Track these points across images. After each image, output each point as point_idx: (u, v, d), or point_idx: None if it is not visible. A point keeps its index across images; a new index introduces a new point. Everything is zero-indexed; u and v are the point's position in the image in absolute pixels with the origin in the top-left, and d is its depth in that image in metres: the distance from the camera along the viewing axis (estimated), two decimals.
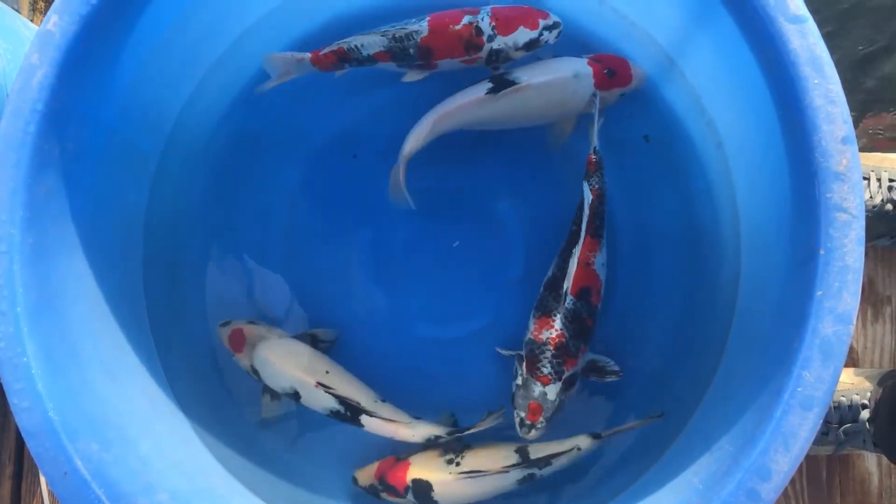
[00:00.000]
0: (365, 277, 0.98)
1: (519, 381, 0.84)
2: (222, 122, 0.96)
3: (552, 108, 0.90)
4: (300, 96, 0.95)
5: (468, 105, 0.87)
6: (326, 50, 0.88)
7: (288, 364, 0.88)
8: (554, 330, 0.83)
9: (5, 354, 0.63)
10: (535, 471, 0.84)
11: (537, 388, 0.82)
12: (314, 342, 0.93)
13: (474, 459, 0.85)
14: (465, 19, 0.84)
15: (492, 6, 0.86)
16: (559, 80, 0.87)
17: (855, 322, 0.60)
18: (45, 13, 1.16)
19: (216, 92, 0.93)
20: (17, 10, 1.16)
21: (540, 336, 0.83)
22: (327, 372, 0.88)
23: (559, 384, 0.82)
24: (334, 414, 0.86)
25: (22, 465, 1.06)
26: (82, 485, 0.62)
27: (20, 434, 0.63)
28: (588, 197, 0.85)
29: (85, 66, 0.68)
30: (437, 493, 0.84)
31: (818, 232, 0.60)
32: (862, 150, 1.09)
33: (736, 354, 0.78)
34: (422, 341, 0.96)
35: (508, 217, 0.99)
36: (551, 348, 0.82)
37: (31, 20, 1.17)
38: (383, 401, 0.88)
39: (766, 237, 0.75)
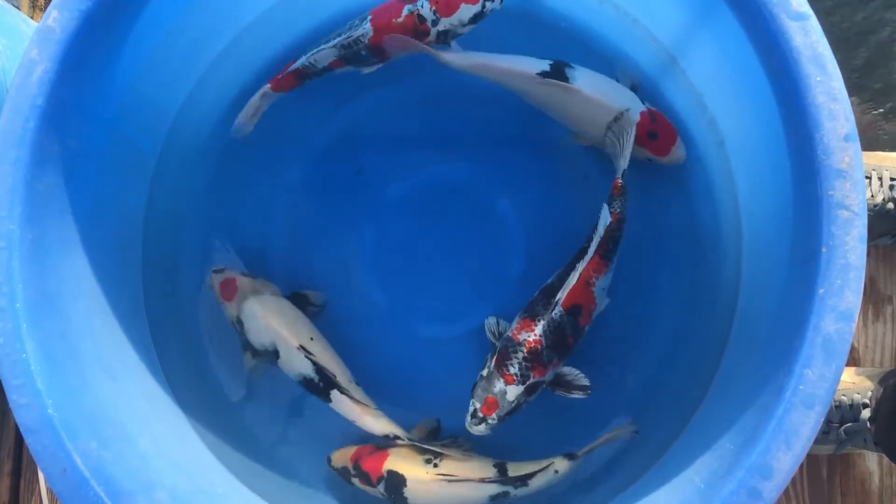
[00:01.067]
0: (365, 277, 0.98)
1: (485, 372, 0.83)
2: (222, 120, 0.95)
3: (582, 122, 0.90)
4: (301, 95, 0.94)
5: (514, 72, 0.87)
6: (284, 74, 0.88)
7: (274, 321, 0.87)
8: (533, 334, 0.82)
9: (4, 351, 0.62)
10: (510, 489, 0.83)
11: (499, 385, 0.82)
12: (304, 304, 0.92)
13: (453, 464, 0.84)
14: (406, 10, 0.83)
15: None
16: (605, 107, 0.86)
17: (856, 320, 0.60)
18: (44, 10, 1.16)
19: (216, 90, 0.93)
20: (17, 7, 1.16)
21: (518, 336, 0.83)
22: (311, 339, 0.88)
23: (521, 388, 0.82)
24: (307, 382, 0.86)
25: (21, 463, 1.06)
26: (81, 482, 0.62)
27: (19, 431, 0.63)
28: (605, 219, 0.84)
29: (85, 62, 0.68)
30: (410, 489, 0.83)
31: (820, 229, 0.60)
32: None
33: (737, 352, 0.78)
34: (421, 340, 0.96)
35: (509, 216, 0.98)
36: (525, 351, 0.82)
37: (31, 16, 1.17)
38: (357, 383, 0.88)
39: (767, 235, 0.75)
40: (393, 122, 0.98)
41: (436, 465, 0.84)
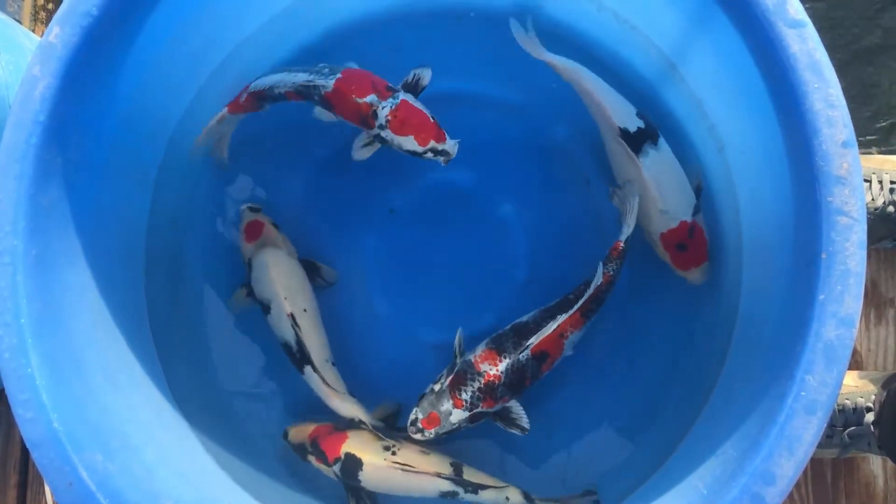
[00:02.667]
0: (368, 283, 0.98)
1: (437, 387, 0.84)
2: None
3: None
4: (302, 104, 0.95)
5: (602, 111, 0.87)
6: (243, 97, 0.88)
7: (279, 280, 0.89)
8: (495, 369, 0.83)
9: (10, 365, 0.63)
10: (460, 491, 0.84)
11: (447, 405, 0.83)
12: (314, 274, 0.94)
13: (410, 455, 0.85)
14: (369, 98, 0.84)
15: (403, 97, 0.85)
16: (653, 197, 0.86)
17: (858, 325, 0.60)
18: (46, 24, 1.17)
19: (216, 101, 0.93)
20: (19, 21, 1.17)
21: (480, 365, 0.84)
22: (305, 310, 0.89)
23: (467, 414, 0.83)
24: (287, 348, 0.89)
25: (27, 475, 1.06)
26: (88, 495, 0.62)
27: (25, 444, 0.63)
28: (598, 279, 0.85)
29: (86, 77, 0.68)
30: (365, 473, 0.84)
31: (820, 236, 0.60)
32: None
33: (739, 359, 0.78)
34: (424, 346, 0.96)
35: (511, 221, 0.99)
36: (482, 382, 0.83)
37: (33, 30, 1.18)
38: (333, 363, 0.89)
39: (767, 241, 0.75)
40: None
41: (394, 453, 0.85)
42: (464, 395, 0.83)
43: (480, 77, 0.97)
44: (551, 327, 0.83)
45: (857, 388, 0.97)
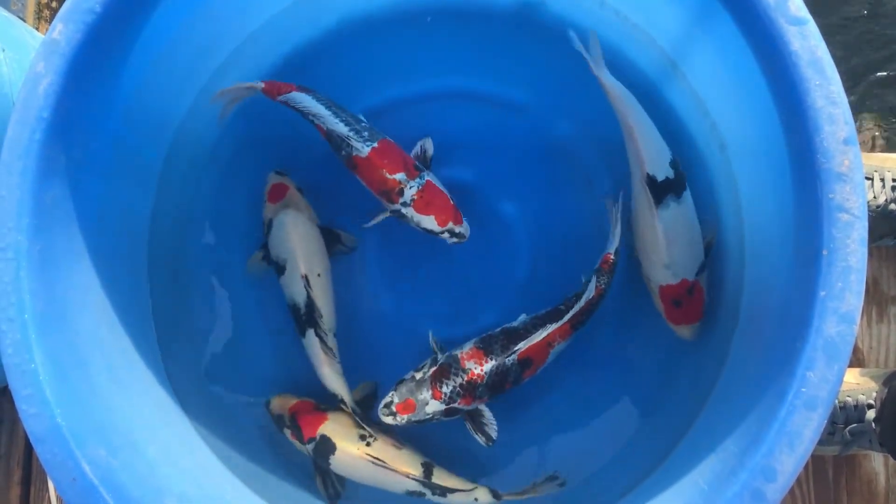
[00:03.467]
0: (372, 279, 0.98)
1: (418, 375, 0.85)
2: (226, 128, 0.96)
3: (637, 236, 0.90)
4: None
5: (635, 146, 0.86)
6: (283, 90, 0.87)
7: (297, 241, 0.90)
8: (480, 368, 0.84)
9: (13, 361, 0.63)
10: (428, 493, 0.85)
11: (425, 395, 0.84)
12: (335, 240, 0.95)
13: (384, 448, 0.86)
14: (398, 176, 0.86)
15: (429, 178, 0.87)
16: (659, 249, 0.86)
17: (859, 322, 0.60)
18: (50, 21, 1.17)
19: (220, 99, 0.93)
20: (23, 19, 1.17)
21: (465, 363, 0.85)
22: (319, 275, 0.90)
23: (443, 407, 0.84)
24: (294, 310, 0.89)
25: (31, 471, 1.07)
26: (91, 490, 0.62)
27: (28, 439, 0.63)
28: (590, 293, 0.86)
29: (90, 74, 0.68)
30: (336, 458, 0.85)
31: (821, 233, 0.60)
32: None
33: (740, 355, 0.78)
34: (427, 343, 0.96)
35: (513, 220, 0.99)
36: (465, 379, 0.84)
37: (37, 28, 1.18)
38: (335, 336, 0.90)
39: (769, 238, 0.75)
40: (396, 126, 0.98)
41: (368, 444, 0.86)
42: (444, 389, 0.84)
43: (482, 75, 0.97)
44: (540, 335, 0.84)
45: (859, 385, 0.97)
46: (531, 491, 0.86)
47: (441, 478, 0.85)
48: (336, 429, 0.86)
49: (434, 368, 0.85)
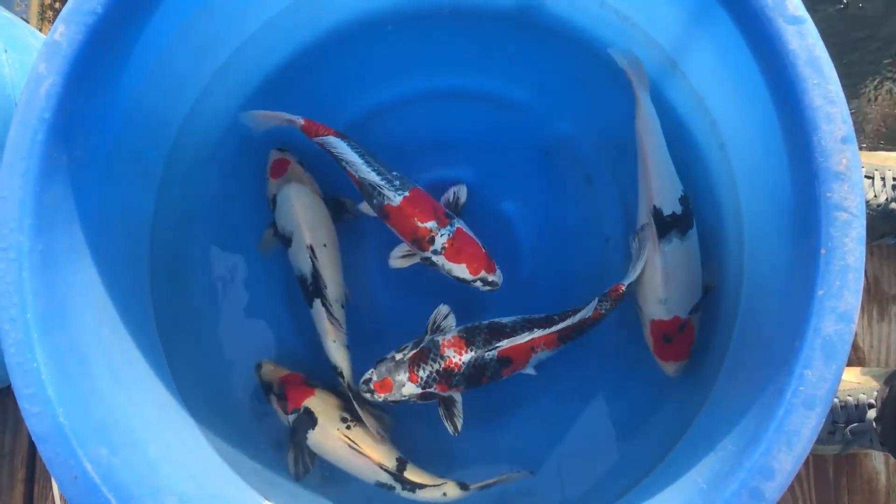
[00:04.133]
0: (373, 278, 0.98)
1: (399, 356, 0.86)
2: (229, 129, 0.96)
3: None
4: (304, 102, 0.95)
5: (648, 181, 0.86)
6: (321, 133, 0.88)
7: (302, 213, 0.91)
8: (459, 357, 0.85)
9: (16, 360, 0.63)
10: (398, 487, 0.86)
11: (402, 377, 0.84)
12: (340, 209, 0.95)
13: (362, 436, 0.87)
14: (430, 224, 0.87)
15: (460, 226, 0.88)
16: (655, 283, 0.86)
17: (857, 321, 0.60)
18: (52, 23, 1.17)
19: (221, 99, 0.94)
20: (26, 20, 1.18)
21: (445, 349, 0.85)
22: (325, 245, 0.91)
23: (418, 391, 0.85)
24: (302, 281, 0.91)
25: (34, 470, 1.07)
26: (92, 488, 0.63)
27: (32, 440, 0.64)
28: (587, 312, 0.86)
29: (91, 74, 0.69)
30: (314, 434, 0.86)
31: (819, 231, 0.60)
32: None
33: (739, 354, 0.78)
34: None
35: (514, 218, 0.99)
36: (443, 366, 0.84)
37: (40, 29, 1.19)
38: (344, 307, 0.92)
39: (768, 237, 0.75)
40: (396, 126, 0.99)
41: (349, 427, 0.87)
42: (421, 373, 0.84)
43: (481, 74, 0.97)
44: (525, 337, 0.84)
45: (860, 384, 0.97)
46: (500, 480, 0.86)
47: (413, 473, 0.86)
48: (320, 406, 0.88)
49: (414, 351, 0.85)
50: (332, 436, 0.86)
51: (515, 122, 0.99)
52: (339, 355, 0.89)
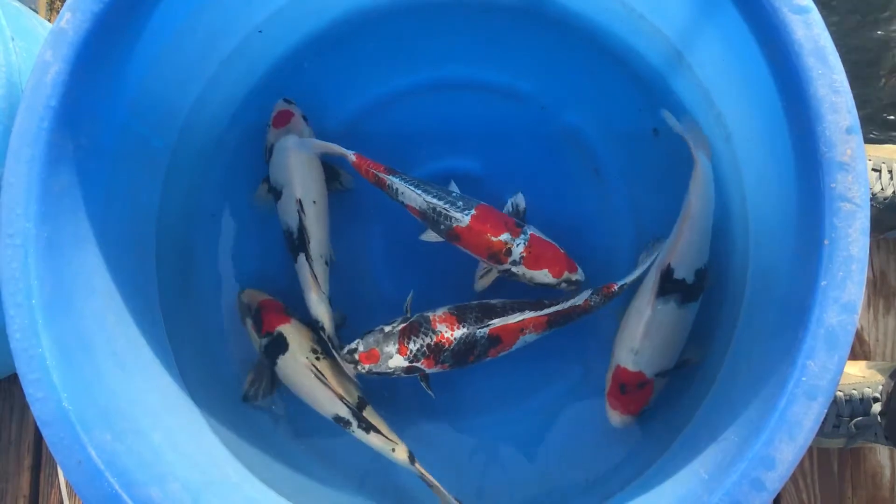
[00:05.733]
0: (375, 271, 0.98)
1: (388, 328, 0.85)
2: (234, 118, 0.97)
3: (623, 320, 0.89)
4: (311, 92, 0.96)
5: (677, 237, 0.85)
6: (371, 169, 0.88)
7: (295, 167, 0.90)
8: (451, 333, 0.84)
9: (21, 345, 0.64)
10: (354, 423, 0.86)
11: (391, 349, 0.84)
12: (333, 177, 0.95)
13: (329, 370, 0.87)
14: (504, 237, 0.86)
15: (532, 232, 0.87)
16: (633, 333, 0.85)
17: (863, 315, 0.60)
18: None
19: (228, 88, 0.94)
20: (35, 10, 1.18)
21: (437, 324, 0.84)
22: (314, 202, 0.91)
23: (405, 364, 0.84)
24: (288, 235, 0.90)
25: (40, 457, 1.08)
26: (96, 473, 0.63)
27: (38, 428, 0.64)
28: (577, 301, 0.86)
29: (97, 62, 0.69)
30: (283, 360, 0.87)
31: (822, 222, 0.60)
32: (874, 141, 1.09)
33: (743, 345, 0.78)
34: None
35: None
36: (433, 341, 0.84)
37: (49, 19, 1.19)
38: (328, 263, 0.92)
39: (773, 228, 0.75)
40: (403, 117, 0.99)
41: (318, 359, 0.87)
42: (411, 346, 0.84)
43: (488, 66, 0.97)
44: (517, 318, 0.84)
45: (865, 378, 0.97)
46: (436, 487, 0.86)
47: (371, 415, 0.87)
48: (294, 333, 0.89)
49: (404, 325, 0.85)
50: (300, 363, 0.87)
51: (522, 114, 0.98)
52: (319, 309, 0.89)
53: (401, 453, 0.86)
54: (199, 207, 0.96)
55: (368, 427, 0.85)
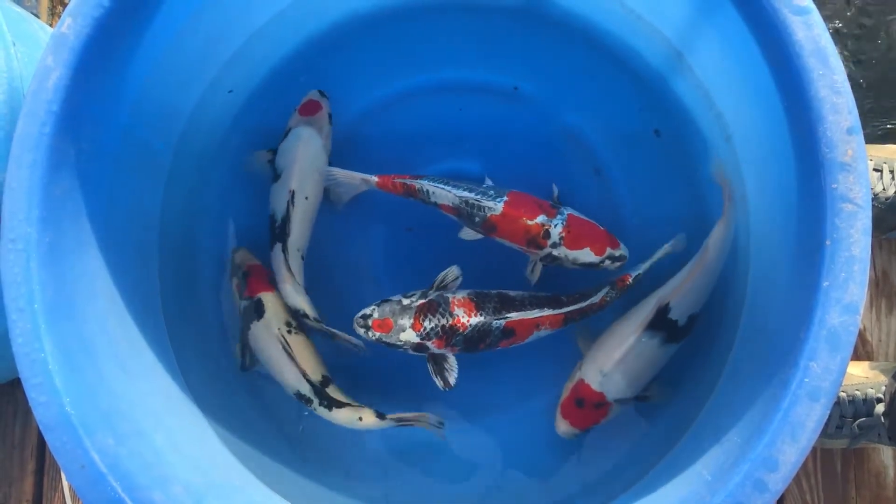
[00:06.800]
0: (377, 271, 0.99)
1: (406, 301, 0.85)
2: (236, 121, 0.97)
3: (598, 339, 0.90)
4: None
5: (684, 279, 0.86)
6: (397, 180, 0.89)
7: (302, 157, 0.91)
8: (467, 318, 0.84)
9: (23, 350, 0.64)
10: (316, 401, 0.87)
11: (405, 322, 0.84)
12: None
13: (298, 344, 0.88)
14: (539, 219, 0.85)
15: (570, 212, 0.86)
16: (615, 356, 0.85)
17: (866, 315, 0.60)
18: None
19: (228, 93, 0.94)
20: (37, 15, 1.18)
21: (454, 308, 0.84)
22: (306, 198, 0.91)
23: (416, 340, 0.84)
24: (272, 220, 0.91)
25: (44, 461, 1.08)
26: (99, 477, 0.63)
27: (41, 430, 0.64)
28: (595, 299, 0.86)
29: (99, 67, 0.69)
30: (255, 327, 0.89)
31: (824, 223, 0.60)
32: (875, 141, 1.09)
33: (745, 346, 0.78)
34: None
35: None
36: (448, 324, 0.84)
37: (50, 24, 1.19)
38: (303, 258, 0.92)
39: (774, 228, 0.75)
40: (404, 118, 0.99)
41: (290, 332, 0.89)
42: (426, 323, 0.83)
43: (488, 67, 0.97)
44: (535, 314, 0.84)
45: (868, 378, 0.97)
46: (416, 417, 0.87)
47: (335, 392, 0.87)
48: (273, 303, 0.90)
49: (422, 301, 0.85)
50: (272, 333, 0.88)
51: (523, 115, 0.99)
52: (298, 299, 0.90)
53: (368, 418, 0.86)
54: (201, 210, 0.96)
55: (331, 404, 0.86)
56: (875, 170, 0.98)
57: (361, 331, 0.84)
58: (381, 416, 0.86)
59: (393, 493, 0.91)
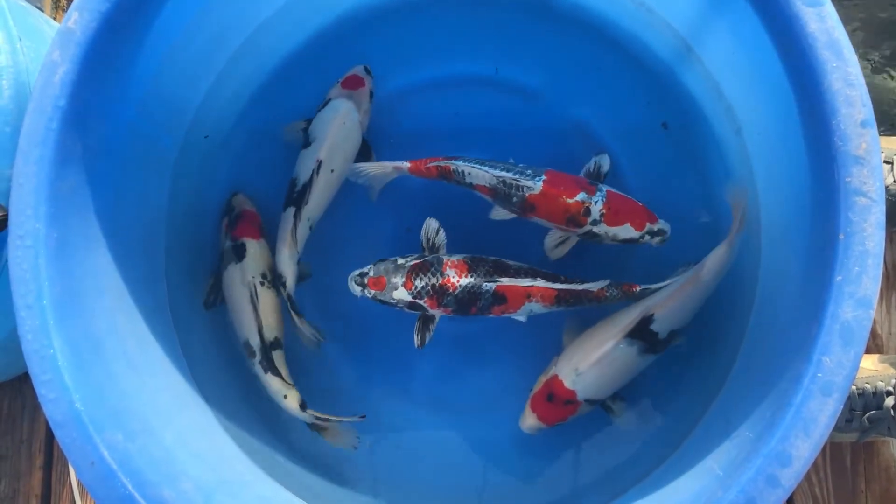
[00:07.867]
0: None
1: (401, 261, 0.85)
2: (242, 116, 0.97)
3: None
4: (318, 90, 0.95)
5: (675, 294, 0.85)
6: (431, 164, 0.88)
7: (336, 132, 0.91)
8: (458, 279, 0.84)
9: (32, 346, 0.64)
10: (258, 356, 0.88)
11: (398, 280, 0.84)
12: (366, 153, 0.95)
13: (265, 299, 0.89)
14: (580, 196, 0.84)
15: (608, 188, 0.85)
16: (592, 358, 0.85)
17: (878, 307, 0.59)
18: (66, 11, 1.18)
19: (235, 86, 0.94)
20: (41, 8, 1.18)
21: (447, 268, 0.84)
22: (332, 171, 0.91)
23: (408, 299, 0.84)
24: (291, 184, 0.91)
25: (52, 456, 1.08)
26: (109, 474, 0.63)
27: (50, 427, 0.64)
28: (593, 287, 0.85)
29: (105, 62, 0.69)
30: (231, 268, 0.90)
31: (837, 216, 0.59)
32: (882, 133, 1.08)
33: (756, 341, 0.78)
34: (436, 332, 0.96)
35: None
36: (440, 283, 0.84)
37: (55, 18, 1.19)
38: (312, 228, 0.92)
39: (785, 223, 0.74)
40: (410, 113, 0.99)
41: (261, 283, 0.90)
42: (417, 282, 0.84)
43: (495, 61, 0.97)
44: (526, 282, 0.84)
45: (878, 371, 0.96)
46: (335, 419, 0.87)
47: (278, 359, 0.88)
48: (256, 251, 0.91)
49: (416, 262, 0.85)
50: (245, 280, 0.89)
51: (530, 109, 0.98)
52: (287, 267, 0.90)
53: (292, 400, 0.86)
54: (207, 206, 0.95)
55: (268, 367, 0.87)
56: (885, 162, 0.97)
57: (357, 288, 0.85)
58: (303, 405, 0.86)
59: (401, 490, 0.91)
